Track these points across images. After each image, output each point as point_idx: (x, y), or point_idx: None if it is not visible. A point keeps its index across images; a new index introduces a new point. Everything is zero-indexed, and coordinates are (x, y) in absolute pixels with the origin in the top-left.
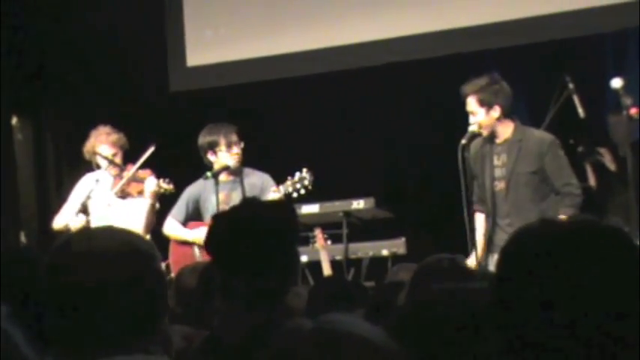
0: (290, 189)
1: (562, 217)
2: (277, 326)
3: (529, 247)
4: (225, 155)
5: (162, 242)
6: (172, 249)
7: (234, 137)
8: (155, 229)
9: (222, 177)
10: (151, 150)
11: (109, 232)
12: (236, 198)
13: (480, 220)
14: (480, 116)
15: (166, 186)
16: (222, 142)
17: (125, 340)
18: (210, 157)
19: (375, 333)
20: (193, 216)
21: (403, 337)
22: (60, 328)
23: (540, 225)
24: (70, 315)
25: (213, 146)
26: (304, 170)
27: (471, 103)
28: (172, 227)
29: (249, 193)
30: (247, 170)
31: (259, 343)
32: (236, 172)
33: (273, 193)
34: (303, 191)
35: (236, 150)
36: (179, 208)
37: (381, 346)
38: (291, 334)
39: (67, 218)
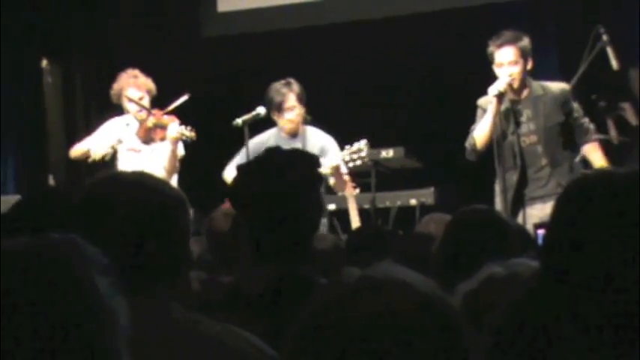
0: (347, 158)
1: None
2: (301, 278)
3: (592, 195)
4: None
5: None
6: None
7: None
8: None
9: (283, 135)
10: (183, 98)
11: (139, 178)
12: None
13: None
14: (519, 67)
15: (188, 133)
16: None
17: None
18: None
19: (425, 281)
20: None
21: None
22: None
23: (598, 174)
24: None
25: None
26: (363, 142)
27: (513, 53)
28: (231, 175)
29: None
30: (310, 129)
31: (282, 294)
32: (297, 131)
33: (334, 156)
34: (359, 162)
35: (286, 115)
36: (241, 158)
37: (432, 295)
38: (337, 284)
39: (89, 146)
